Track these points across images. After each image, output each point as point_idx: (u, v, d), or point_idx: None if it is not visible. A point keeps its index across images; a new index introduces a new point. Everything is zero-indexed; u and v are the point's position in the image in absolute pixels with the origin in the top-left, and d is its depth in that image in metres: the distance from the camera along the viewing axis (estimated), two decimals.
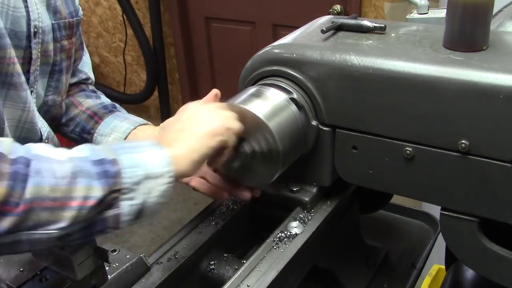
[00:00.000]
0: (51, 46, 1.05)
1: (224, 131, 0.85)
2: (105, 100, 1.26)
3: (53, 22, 1.04)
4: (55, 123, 1.18)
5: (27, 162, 0.66)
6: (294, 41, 1.03)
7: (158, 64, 3.66)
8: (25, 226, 0.65)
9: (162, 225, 3.35)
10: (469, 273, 1.19)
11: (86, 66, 1.29)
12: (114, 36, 3.88)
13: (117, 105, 1.25)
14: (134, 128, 1.15)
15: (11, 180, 0.64)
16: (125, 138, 1.13)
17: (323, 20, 1.13)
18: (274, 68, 0.99)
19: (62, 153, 0.71)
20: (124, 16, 3.57)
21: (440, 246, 1.18)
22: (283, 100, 0.95)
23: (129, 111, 1.27)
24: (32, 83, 1.03)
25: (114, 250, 0.89)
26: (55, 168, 0.68)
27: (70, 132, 1.22)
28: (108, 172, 0.71)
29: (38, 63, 1.03)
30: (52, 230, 0.67)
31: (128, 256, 0.89)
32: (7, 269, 0.79)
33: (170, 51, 3.71)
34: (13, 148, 0.67)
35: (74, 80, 1.26)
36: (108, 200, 0.71)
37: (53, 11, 1.05)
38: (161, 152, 0.78)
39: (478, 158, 0.83)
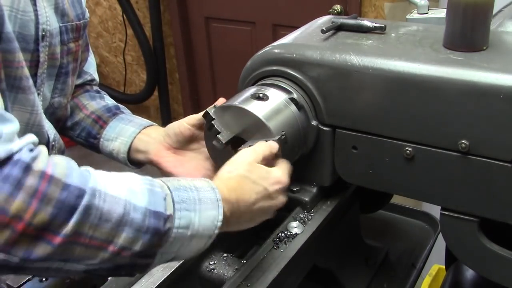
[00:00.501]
0: (58, 49, 1.05)
1: (280, 204, 0.88)
2: (109, 101, 1.27)
3: (61, 25, 1.04)
4: (60, 125, 1.19)
5: (80, 194, 0.63)
6: (294, 41, 1.03)
7: (158, 64, 3.66)
8: (59, 257, 0.64)
9: None
10: (469, 273, 1.19)
11: (91, 67, 1.30)
12: (114, 36, 3.88)
13: (120, 106, 1.26)
14: (139, 132, 1.15)
15: (57, 209, 0.61)
16: (131, 142, 1.14)
17: (323, 20, 1.13)
18: (274, 68, 0.99)
19: (121, 188, 0.68)
20: (124, 16, 3.57)
21: (440, 246, 1.18)
22: (283, 101, 0.95)
23: (129, 110, 1.27)
24: (39, 86, 1.03)
25: None
26: (105, 209, 0.65)
27: (77, 137, 1.22)
28: (159, 231, 0.69)
29: (45, 66, 1.03)
30: (82, 265, 0.66)
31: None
32: None
33: (170, 51, 3.71)
34: (68, 172, 0.64)
35: (79, 81, 1.26)
36: (148, 253, 0.70)
37: (61, 14, 1.05)
38: (218, 215, 0.76)
39: (478, 158, 0.83)
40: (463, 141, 0.83)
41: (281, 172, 0.88)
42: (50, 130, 1.09)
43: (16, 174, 0.60)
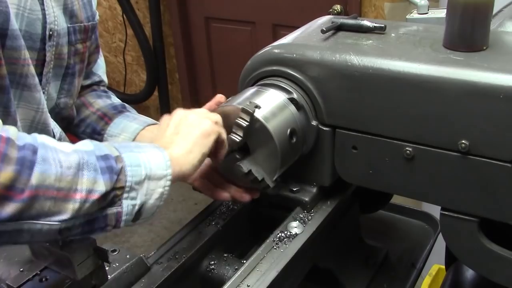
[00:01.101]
0: (65, 49, 1.05)
1: (215, 128, 0.88)
2: (115, 100, 1.27)
3: (69, 25, 1.05)
4: (65, 123, 1.19)
5: (34, 149, 0.66)
6: (294, 41, 1.03)
7: (158, 64, 3.66)
8: (28, 214, 0.65)
9: (162, 225, 3.35)
10: (469, 273, 1.19)
11: (100, 69, 1.31)
12: (114, 36, 3.88)
13: (126, 105, 1.27)
14: (143, 129, 1.16)
15: (18, 165, 0.64)
16: (134, 139, 1.14)
17: (323, 20, 1.13)
18: (274, 68, 0.99)
19: (67, 145, 0.72)
20: (124, 16, 3.57)
21: (440, 246, 1.18)
22: (282, 101, 0.95)
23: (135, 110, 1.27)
24: (44, 85, 1.04)
25: (114, 250, 0.89)
26: (61, 158, 0.68)
27: (81, 133, 1.23)
28: (113, 168, 0.72)
29: (51, 66, 1.04)
30: (53, 221, 0.67)
31: (128, 256, 0.89)
32: (7, 269, 0.79)
33: (170, 51, 3.71)
34: (19, 135, 0.68)
35: (87, 82, 1.27)
36: (111, 197, 0.72)
37: (70, 14, 1.06)
38: (161, 154, 0.79)
39: (478, 158, 0.83)
40: (463, 141, 0.83)
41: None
42: (55, 128, 1.09)
43: None
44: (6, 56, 0.90)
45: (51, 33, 0.99)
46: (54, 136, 1.07)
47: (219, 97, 1.04)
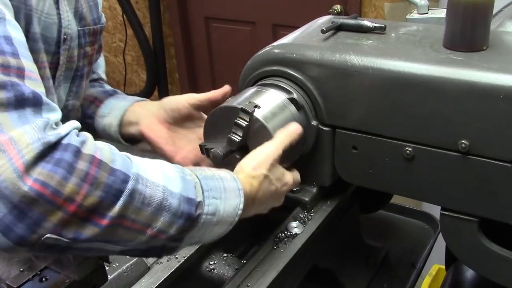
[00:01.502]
0: (76, 52, 1.06)
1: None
2: (107, 87, 1.27)
3: (79, 28, 1.06)
4: None
5: (125, 179, 0.67)
6: (294, 41, 1.03)
7: (158, 64, 3.66)
8: (103, 238, 0.67)
9: None
10: (469, 273, 1.19)
11: (99, 68, 1.31)
12: (114, 36, 3.88)
13: (118, 91, 1.26)
14: (131, 105, 1.15)
15: (105, 192, 0.65)
16: (122, 114, 1.14)
17: (323, 20, 1.13)
18: (274, 68, 0.99)
19: (157, 175, 0.72)
20: (124, 16, 3.57)
21: (440, 246, 1.18)
22: (282, 101, 0.95)
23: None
24: (55, 88, 1.05)
25: None
26: (147, 193, 0.69)
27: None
28: (191, 216, 0.74)
29: (64, 69, 1.04)
30: (121, 246, 0.70)
31: (128, 256, 0.89)
32: (7, 269, 0.79)
33: (170, 51, 3.71)
34: (114, 157, 0.68)
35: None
36: (178, 237, 0.74)
37: (79, 18, 1.06)
38: (239, 203, 0.81)
39: (478, 158, 0.83)
40: (463, 141, 0.83)
41: (292, 176, 0.93)
42: None
43: (68, 158, 0.63)
44: None
45: (65, 37, 1.00)
46: None
47: (227, 89, 1.04)
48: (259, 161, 0.87)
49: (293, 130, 0.92)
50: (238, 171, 0.87)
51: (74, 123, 0.69)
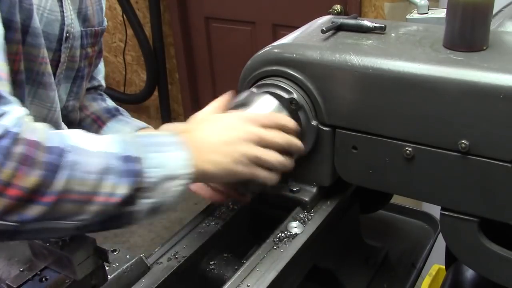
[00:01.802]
0: (78, 52, 1.07)
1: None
2: (109, 103, 1.29)
3: (82, 29, 1.07)
4: (68, 126, 1.20)
5: (61, 153, 0.68)
6: (294, 41, 1.03)
7: (158, 64, 3.66)
8: (51, 216, 0.67)
9: (162, 225, 3.35)
10: (469, 273, 1.19)
11: (99, 74, 1.32)
12: (114, 36, 3.88)
13: (120, 108, 1.28)
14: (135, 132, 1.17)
15: (44, 170, 0.65)
16: None
17: (323, 20, 1.13)
18: (274, 68, 0.99)
19: (96, 144, 0.73)
20: (124, 16, 3.57)
21: (440, 246, 1.18)
22: (275, 107, 0.95)
23: (129, 111, 1.28)
24: (56, 85, 1.05)
25: (114, 250, 0.89)
26: (87, 162, 0.70)
27: None
28: (134, 171, 0.73)
29: (64, 67, 1.05)
30: (74, 221, 0.70)
31: (128, 256, 0.89)
32: (7, 269, 0.79)
33: (170, 51, 3.71)
34: (48, 135, 0.69)
35: (88, 86, 1.28)
36: (130, 198, 0.73)
37: (83, 18, 1.07)
38: (183, 154, 0.79)
39: (478, 158, 0.83)
40: (463, 141, 0.83)
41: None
42: (65, 128, 1.11)
43: (5, 144, 0.65)
44: (25, 53, 0.92)
45: (67, 35, 1.01)
46: None
47: (227, 97, 1.02)
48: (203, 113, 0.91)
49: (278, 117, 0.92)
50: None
51: (19, 112, 0.69)
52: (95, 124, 1.22)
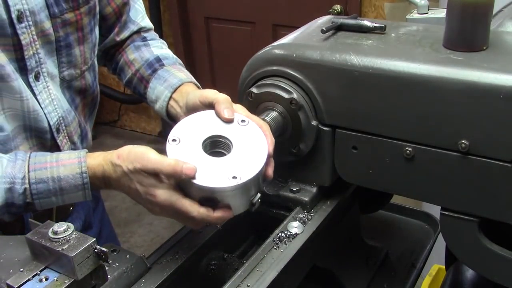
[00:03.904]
0: (47, 24, 1.01)
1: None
2: (153, 50, 1.27)
3: None
4: (88, 96, 1.20)
5: None
6: (294, 41, 1.03)
7: None
8: None
9: (162, 225, 3.35)
10: (469, 273, 1.19)
11: (138, 15, 1.29)
12: None
13: (162, 56, 1.25)
14: (170, 97, 1.14)
15: None
16: (166, 108, 1.15)
17: (323, 20, 1.13)
18: (274, 68, 0.99)
19: None
20: None
21: (440, 246, 1.18)
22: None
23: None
24: (34, 67, 1.01)
25: (114, 250, 0.89)
26: None
27: (133, 93, 1.28)
28: (20, 211, 0.93)
29: (37, 46, 1.00)
30: None
31: (128, 256, 0.89)
32: (7, 269, 0.79)
33: None
34: None
35: (126, 34, 1.26)
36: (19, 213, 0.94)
37: None
38: (80, 194, 0.92)
39: (478, 158, 0.83)
40: (463, 141, 0.83)
41: (165, 195, 0.85)
42: (52, 113, 1.07)
43: None
44: None
45: (19, 14, 0.94)
46: (49, 123, 1.06)
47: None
48: (130, 154, 0.86)
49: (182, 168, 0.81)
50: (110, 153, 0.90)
51: None
52: (141, 84, 1.22)
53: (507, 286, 0.90)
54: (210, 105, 0.94)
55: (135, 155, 0.85)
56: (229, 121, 0.89)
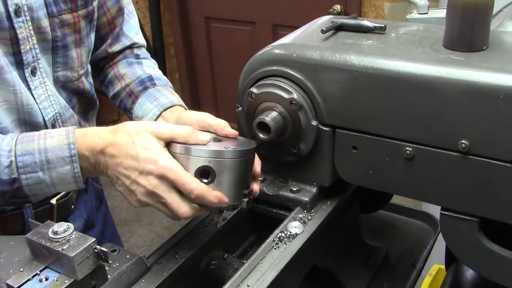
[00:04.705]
0: (45, 22, 1.01)
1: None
2: (145, 68, 1.25)
3: None
4: (85, 100, 1.19)
5: None
6: (294, 41, 1.03)
7: (158, 64, 3.66)
8: None
9: (162, 225, 3.35)
10: (469, 273, 1.19)
11: (132, 30, 1.27)
12: None
13: (154, 76, 1.24)
14: (159, 115, 1.13)
15: None
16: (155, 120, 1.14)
17: (323, 20, 1.13)
18: (274, 68, 0.99)
19: None
20: None
21: (440, 246, 1.18)
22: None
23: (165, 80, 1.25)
24: (31, 62, 1.01)
25: (114, 250, 0.89)
26: None
27: (118, 107, 1.26)
28: (8, 191, 0.89)
29: (34, 41, 1.00)
30: None
31: (128, 256, 0.89)
32: (7, 269, 0.79)
33: (170, 51, 3.72)
34: None
35: (118, 47, 1.25)
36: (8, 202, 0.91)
37: None
38: (69, 168, 0.87)
39: (478, 158, 0.83)
40: (463, 141, 0.83)
41: (168, 160, 0.82)
42: (48, 109, 1.07)
43: None
44: None
45: (17, 8, 0.95)
46: (44, 119, 1.06)
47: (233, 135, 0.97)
48: (139, 123, 0.87)
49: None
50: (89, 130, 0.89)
51: None
52: (129, 99, 1.20)
53: (507, 286, 0.90)
54: (205, 127, 0.94)
55: (145, 123, 0.87)
56: (234, 136, 0.93)
